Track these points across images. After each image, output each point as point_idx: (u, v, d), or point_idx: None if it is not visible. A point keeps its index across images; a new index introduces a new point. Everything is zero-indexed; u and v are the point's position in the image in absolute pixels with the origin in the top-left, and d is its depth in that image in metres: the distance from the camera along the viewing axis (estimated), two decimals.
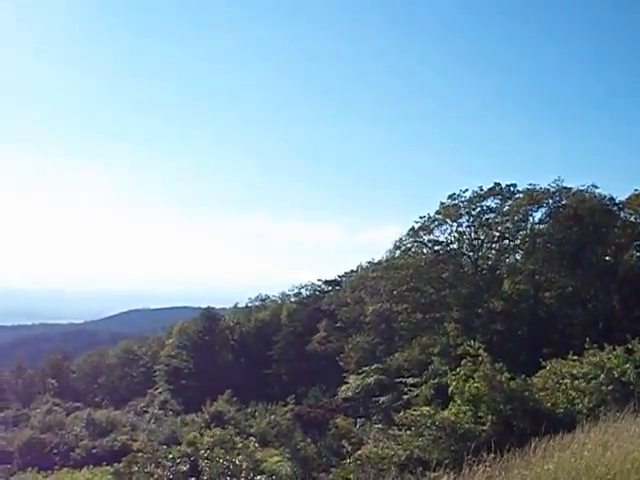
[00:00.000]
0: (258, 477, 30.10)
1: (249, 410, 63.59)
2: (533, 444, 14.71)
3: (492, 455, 14.43)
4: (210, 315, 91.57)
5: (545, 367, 26.69)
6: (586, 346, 26.29)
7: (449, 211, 55.68)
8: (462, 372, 24.29)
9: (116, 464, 41.39)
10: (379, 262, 68.07)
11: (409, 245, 59.08)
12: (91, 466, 49.00)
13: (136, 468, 32.86)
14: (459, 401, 23.58)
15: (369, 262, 77.40)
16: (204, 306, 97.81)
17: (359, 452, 25.07)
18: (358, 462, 23.50)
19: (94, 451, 53.00)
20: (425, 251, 58.29)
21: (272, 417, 57.38)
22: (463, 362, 25.25)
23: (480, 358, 24.18)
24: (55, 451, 53.54)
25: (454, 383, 24.16)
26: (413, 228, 57.67)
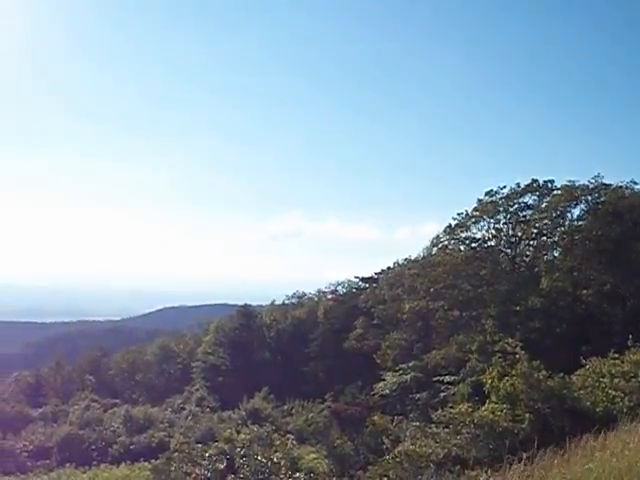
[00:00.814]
0: (297, 474, 30.00)
1: (285, 407, 63.69)
2: (572, 443, 14.58)
3: (530, 454, 14.31)
4: (247, 312, 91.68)
5: (584, 365, 26.42)
6: (629, 344, 26.04)
7: (486, 208, 55.33)
8: (497, 369, 24.12)
9: (153, 460, 41.66)
10: (416, 259, 67.88)
11: (446, 242, 58.86)
12: (128, 462, 49.28)
13: (174, 466, 32.96)
14: (495, 399, 23.42)
15: (405, 259, 77.20)
16: (241, 303, 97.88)
17: (397, 450, 24.92)
18: (396, 460, 23.37)
19: (131, 447, 53.36)
20: (462, 248, 58.01)
21: (309, 414, 57.41)
22: (496, 360, 25.09)
23: (517, 356, 24.00)
24: (93, 447, 53.96)
25: (489, 381, 23.98)
26: (450, 225, 57.42)
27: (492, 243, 56.99)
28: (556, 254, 57.38)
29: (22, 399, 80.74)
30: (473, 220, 56.25)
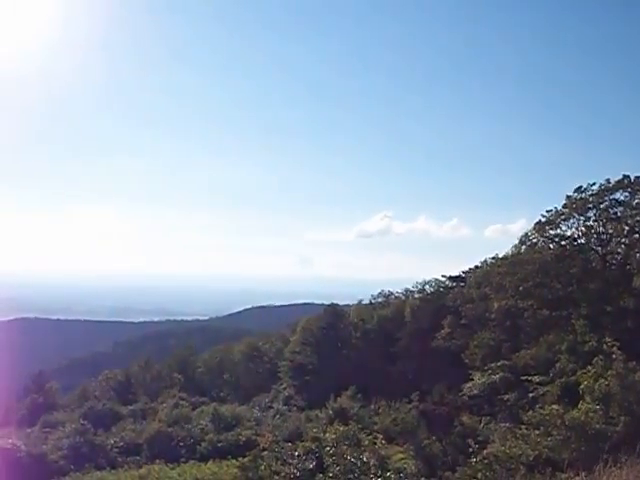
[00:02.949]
0: (388, 474, 29.78)
1: (372, 407, 63.49)
2: None
3: (625, 457, 13.92)
4: (334, 311, 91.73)
5: None
6: None
7: (576, 205, 54.33)
8: (593, 370, 23.61)
9: (241, 458, 41.91)
10: (504, 257, 66.91)
11: (535, 240, 58.00)
12: (216, 459, 49.69)
13: (263, 464, 33.05)
14: (589, 400, 22.91)
15: (493, 258, 76.21)
16: (327, 303, 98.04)
17: (486, 451, 24.60)
18: (485, 461, 23.08)
19: (219, 445, 53.75)
20: (552, 246, 57.07)
21: (396, 414, 57.14)
22: (595, 360, 24.54)
23: (613, 356, 23.45)
24: (181, 444, 54.58)
25: (585, 382, 23.49)
26: (539, 222, 56.58)
27: (582, 241, 55.93)
28: None
29: (113, 396, 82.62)
30: (563, 217, 55.30)
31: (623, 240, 55.88)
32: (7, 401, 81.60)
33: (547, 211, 55.85)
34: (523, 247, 59.73)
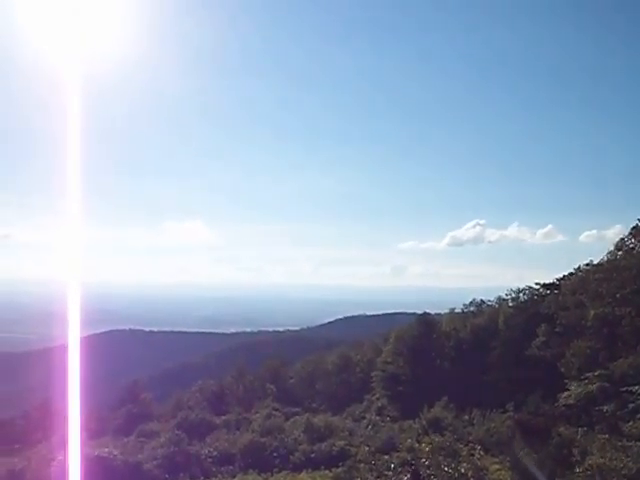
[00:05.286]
0: None
1: (466, 417, 62.73)
2: None
3: None
4: (426, 321, 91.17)
5: None
6: None
7: None
8: None
9: (335, 469, 41.86)
10: (600, 264, 65.44)
11: (632, 245, 56.62)
12: (309, 470, 49.82)
13: (357, 476, 32.95)
14: None
15: (587, 264, 74.63)
16: (419, 312, 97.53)
17: (587, 463, 23.96)
18: (587, 473, 22.48)
19: (312, 455, 53.87)
20: None
21: (490, 424, 56.29)
22: None
23: None
24: (275, 454, 54.88)
25: None
26: (636, 227, 55.26)
27: None
28: None
29: (206, 407, 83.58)
30: None
31: None
32: (103, 411, 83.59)
33: None
34: (619, 253, 58.42)
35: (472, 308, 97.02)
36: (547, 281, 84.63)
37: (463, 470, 30.31)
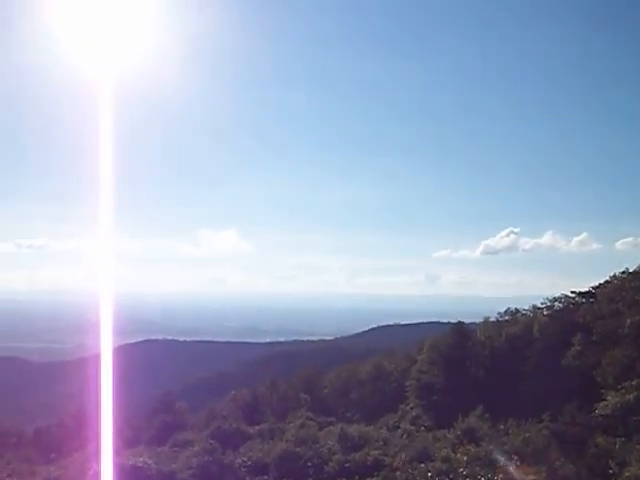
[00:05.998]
0: None
1: (502, 427, 62.30)
2: None
3: None
4: (461, 330, 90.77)
5: None
6: None
7: None
8: None
9: (370, 479, 41.74)
10: (636, 271, 64.82)
11: None
12: None
13: None
14: None
15: (623, 272, 73.97)
16: (453, 321, 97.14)
17: (626, 474, 23.73)
18: None
19: (346, 465, 53.66)
20: None
21: (526, 434, 55.87)
22: None
23: None
24: (309, 464, 54.71)
25: None
26: None
27: None
28: None
29: (240, 416, 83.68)
30: None
31: None
32: (137, 421, 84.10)
33: None
34: None
35: (507, 317, 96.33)
36: (582, 289, 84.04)
37: None
